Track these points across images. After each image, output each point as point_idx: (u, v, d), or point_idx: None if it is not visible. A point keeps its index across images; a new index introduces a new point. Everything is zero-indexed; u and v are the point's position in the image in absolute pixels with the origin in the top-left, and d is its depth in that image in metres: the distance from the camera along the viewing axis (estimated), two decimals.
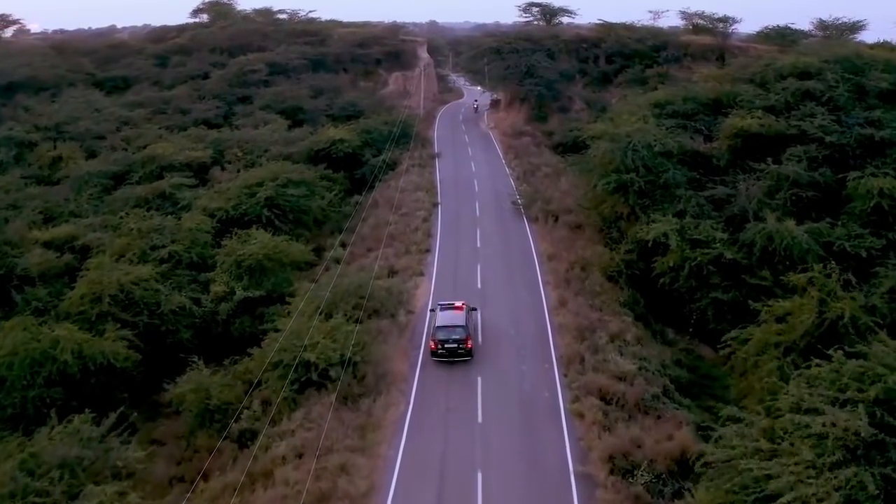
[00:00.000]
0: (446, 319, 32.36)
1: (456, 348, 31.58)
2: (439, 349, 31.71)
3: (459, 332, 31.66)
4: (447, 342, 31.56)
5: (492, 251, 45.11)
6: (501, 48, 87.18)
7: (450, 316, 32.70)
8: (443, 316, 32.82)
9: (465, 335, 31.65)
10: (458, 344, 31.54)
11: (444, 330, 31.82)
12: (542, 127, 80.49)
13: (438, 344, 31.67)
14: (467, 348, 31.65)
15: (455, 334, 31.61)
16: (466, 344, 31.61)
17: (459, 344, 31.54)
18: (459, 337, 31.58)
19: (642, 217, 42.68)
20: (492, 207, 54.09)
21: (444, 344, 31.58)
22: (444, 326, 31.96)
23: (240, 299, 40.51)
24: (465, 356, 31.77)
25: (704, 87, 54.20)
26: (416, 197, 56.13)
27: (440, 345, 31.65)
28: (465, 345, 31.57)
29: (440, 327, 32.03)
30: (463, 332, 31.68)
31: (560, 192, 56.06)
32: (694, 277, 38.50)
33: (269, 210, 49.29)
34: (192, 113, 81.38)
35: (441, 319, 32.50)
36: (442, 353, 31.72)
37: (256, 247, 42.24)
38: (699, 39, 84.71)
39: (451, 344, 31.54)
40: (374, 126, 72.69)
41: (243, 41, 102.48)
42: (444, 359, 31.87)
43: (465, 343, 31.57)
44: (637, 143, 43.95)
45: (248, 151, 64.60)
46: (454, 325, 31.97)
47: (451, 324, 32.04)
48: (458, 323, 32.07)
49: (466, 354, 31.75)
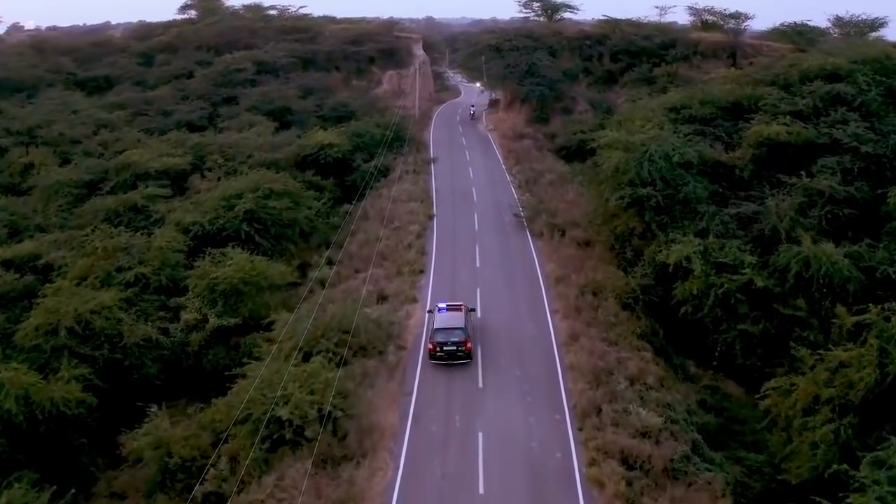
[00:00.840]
0: (445, 321, 31.51)
1: (455, 351, 30.69)
2: (438, 351, 30.82)
3: (458, 335, 30.81)
4: (446, 344, 30.70)
5: (492, 272, 40.87)
6: (501, 46, 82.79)
7: (448, 317, 31.79)
8: (441, 317, 31.91)
9: (464, 337, 30.78)
10: (457, 346, 30.66)
11: (443, 332, 30.96)
12: (544, 129, 76.25)
13: (437, 346, 30.80)
14: (466, 350, 30.77)
15: (454, 336, 30.78)
16: (465, 346, 30.71)
17: (458, 346, 30.66)
18: (458, 339, 30.71)
19: (660, 235, 38.48)
20: (492, 220, 49.82)
21: (443, 346, 30.72)
22: (442, 328, 31.11)
23: (213, 328, 36.48)
24: (464, 359, 30.88)
25: (722, 89, 49.85)
26: (409, 208, 51.85)
27: (439, 347, 30.78)
28: (464, 347, 30.70)
29: (439, 329, 31.16)
30: (462, 334, 30.82)
31: (566, 203, 51.84)
32: (720, 306, 34.32)
33: (249, 224, 45.02)
34: (174, 115, 77.05)
35: (439, 321, 31.62)
36: (441, 355, 30.81)
37: (232, 269, 38.01)
38: (709, 37, 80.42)
39: (449, 346, 30.68)
40: (365, 129, 68.39)
41: (230, 38, 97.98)
42: (442, 361, 30.87)
43: (464, 345, 30.69)
44: (654, 152, 39.70)
45: (229, 157, 60.17)
46: (453, 326, 31.10)
47: (449, 325, 31.16)
48: (457, 325, 31.15)
49: (466, 357, 30.87)
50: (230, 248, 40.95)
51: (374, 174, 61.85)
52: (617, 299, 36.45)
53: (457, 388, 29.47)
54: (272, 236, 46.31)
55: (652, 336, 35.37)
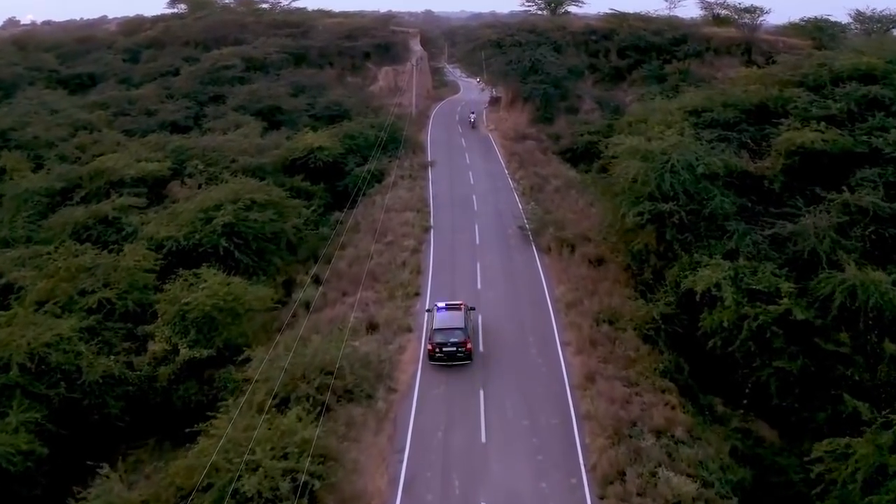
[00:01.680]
0: (444, 321, 30.87)
1: (455, 351, 30.19)
2: (437, 352, 30.31)
3: (458, 335, 30.26)
4: (445, 345, 30.16)
5: (496, 296, 36.84)
6: (502, 41, 78.60)
7: (448, 317, 31.13)
8: (440, 317, 31.20)
9: (464, 337, 30.27)
10: (456, 347, 30.14)
11: (443, 332, 30.41)
12: (548, 129, 72.15)
13: (436, 347, 30.26)
14: (466, 351, 30.28)
15: (454, 336, 30.23)
16: (466, 346, 30.19)
17: (458, 347, 30.15)
18: (458, 339, 30.17)
19: (683, 256, 34.40)
20: (494, 233, 45.76)
21: (443, 347, 30.19)
22: (442, 329, 30.54)
23: (184, 360, 32.63)
24: (464, 359, 30.36)
25: (746, 90, 45.67)
26: (404, 218, 47.80)
27: (438, 348, 30.25)
28: (464, 347, 30.18)
29: (438, 329, 30.57)
30: (462, 335, 30.28)
31: (574, 213, 47.82)
32: (752, 340, 30.29)
33: (229, 240, 40.87)
34: (158, 114, 72.83)
35: (439, 321, 30.97)
36: (440, 356, 30.32)
37: (205, 294, 33.95)
38: (723, 32, 76.20)
39: (449, 347, 30.14)
40: (359, 130, 64.28)
41: (219, 33, 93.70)
42: (442, 362, 30.32)
43: (464, 346, 30.18)
44: (676, 162, 35.63)
45: (211, 162, 56.03)
46: (453, 327, 30.52)
47: (449, 326, 30.57)
48: (457, 325, 30.57)
49: (466, 358, 30.38)
50: (204, 268, 36.98)
51: (368, 179, 57.88)
52: (636, 330, 32.42)
53: (457, 443, 25.48)
54: (254, 252, 42.22)
55: (676, 372, 31.34)
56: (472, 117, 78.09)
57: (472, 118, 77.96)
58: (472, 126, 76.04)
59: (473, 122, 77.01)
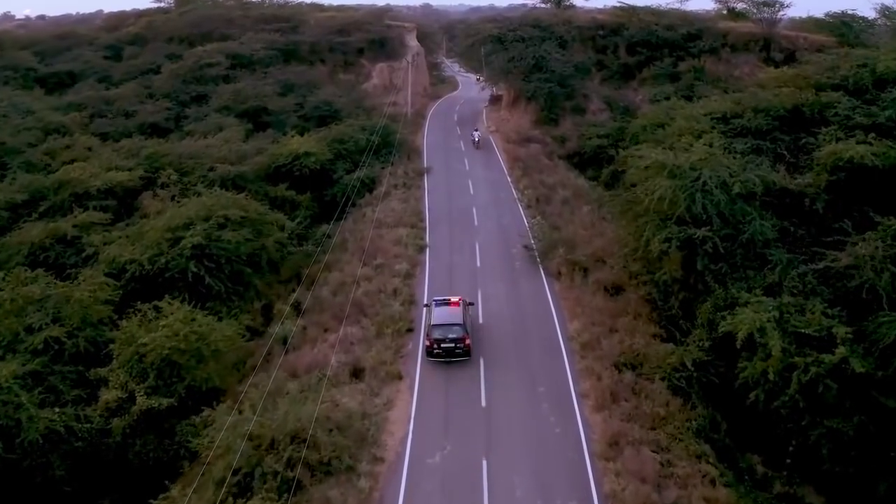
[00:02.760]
0: (443, 317, 30.37)
1: (453, 348, 29.73)
2: (435, 348, 29.80)
3: (457, 331, 29.80)
4: (444, 341, 29.68)
5: (500, 334, 32.13)
6: (504, 36, 73.53)
7: (446, 313, 30.61)
8: (439, 313, 30.71)
9: (462, 333, 29.80)
10: (455, 343, 29.69)
11: (441, 328, 29.91)
12: (554, 131, 67.33)
13: (434, 343, 29.77)
14: (465, 347, 29.82)
15: (452, 332, 29.76)
16: (465, 343, 29.75)
17: (457, 343, 29.70)
18: (457, 336, 29.71)
19: (716, 290, 29.70)
20: (497, 254, 41.02)
21: (441, 343, 29.69)
22: (440, 325, 30.01)
23: (141, 411, 28.23)
24: (462, 356, 29.87)
25: (778, 93, 40.85)
26: (396, 236, 43.09)
27: (436, 344, 29.74)
28: (463, 344, 29.73)
29: (436, 325, 30.03)
30: (461, 331, 29.82)
31: (585, 230, 43.10)
32: (801, 394, 25.71)
33: (199, 263, 36.27)
34: (137, 116, 68.02)
35: (437, 317, 30.45)
36: (438, 352, 29.83)
37: (164, 333, 29.43)
38: (739, 27, 71.21)
39: (447, 343, 29.69)
40: (349, 134, 59.48)
41: (204, 29, 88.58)
42: (440, 359, 29.83)
43: (462, 342, 29.74)
44: (708, 180, 30.90)
45: (187, 171, 51.30)
46: (451, 322, 29.97)
47: (447, 322, 30.04)
48: (456, 321, 30.05)
49: (464, 354, 29.90)
50: (166, 300, 32.35)
51: (358, 188, 53.22)
52: (665, 380, 27.75)
53: None
54: (228, 276, 37.63)
55: (712, 431, 26.77)
56: (476, 136, 65.19)
57: (475, 137, 65.17)
58: (477, 146, 64.25)
59: (477, 141, 64.64)
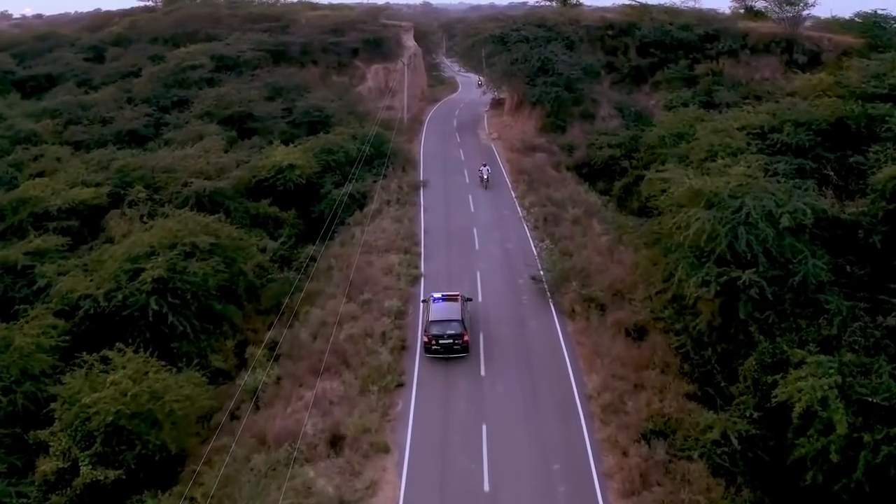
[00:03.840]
0: (441, 313, 30.05)
1: (451, 344, 29.29)
2: (433, 345, 29.39)
3: (455, 327, 29.42)
4: (442, 337, 29.27)
5: (508, 392, 27.26)
6: (507, 36, 68.55)
7: (444, 309, 30.33)
8: (436, 309, 30.38)
9: (461, 329, 29.41)
10: (453, 339, 29.27)
11: (439, 324, 29.51)
12: (561, 139, 62.49)
13: (433, 339, 29.35)
14: (464, 344, 29.41)
15: (450, 329, 29.36)
16: (463, 339, 29.34)
17: (455, 339, 29.28)
18: (455, 332, 29.32)
19: (762, 343, 24.86)
20: (501, 286, 36.15)
21: (439, 339, 29.27)
22: (438, 321, 29.61)
23: (85, 484, 23.85)
24: (461, 352, 29.45)
25: (819, 104, 36.07)
26: (387, 263, 38.27)
27: (434, 340, 29.33)
28: (461, 340, 29.33)
29: (434, 322, 29.61)
30: (459, 327, 29.45)
31: (600, 255, 38.31)
32: (868, 476, 20.93)
33: (161, 299, 31.58)
34: (114, 123, 63.19)
35: (435, 313, 30.12)
36: (436, 349, 29.42)
37: (111, 393, 25.03)
38: (759, 27, 66.39)
39: (445, 339, 29.28)
40: (338, 143, 54.64)
41: (190, 28, 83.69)
42: (438, 355, 29.40)
43: (461, 338, 29.32)
44: (752, 210, 26.10)
45: (160, 186, 46.57)
46: (449, 318, 29.63)
47: (446, 318, 29.69)
48: (454, 317, 29.72)
49: (463, 350, 29.48)
50: (117, 350, 27.66)
51: (347, 204, 48.51)
52: (704, 458, 22.91)
53: None
54: (195, 313, 32.92)
55: None
56: (485, 172, 52.29)
57: (483, 173, 52.26)
58: (485, 185, 51.61)
59: (486, 178, 51.83)
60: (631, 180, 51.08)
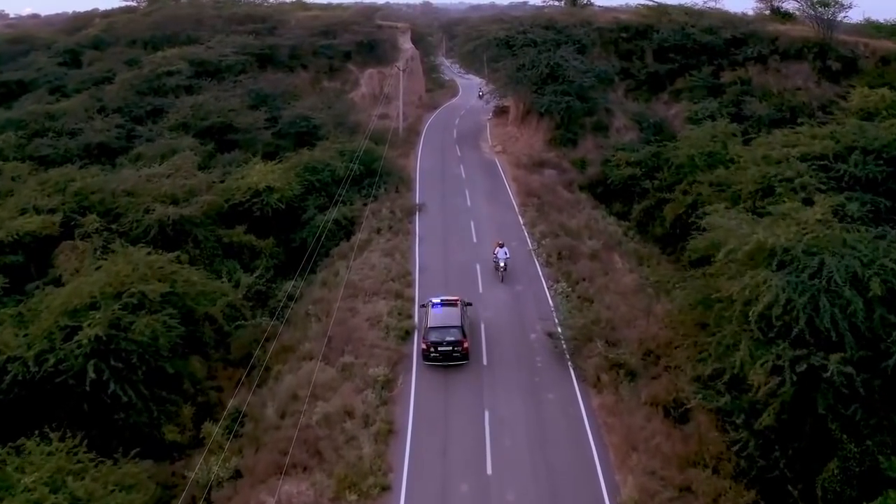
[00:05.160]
0: (440, 319, 28.71)
1: (451, 351, 28.00)
2: (432, 352, 28.07)
3: (455, 333, 28.08)
4: (441, 344, 27.96)
5: (517, 500, 21.53)
6: (513, 39, 62.64)
7: (443, 315, 28.92)
8: (435, 315, 29.04)
9: (460, 336, 28.05)
10: (452, 346, 27.96)
11: (438, 331, 28.23)
12: (572, 153, 56.82)
13: (431, 346, 28.03)
14: (463, 351, 28.04)
15: (450, 335, 28.03)
16: (462, 346, 27.98)
17: (455, 347, 27.97)
18: (454, 338, 27.99)
19: (848, 446, 19.21)
20: (510, 344, 30.24)
21: (438, 347, 27.97)
22: (437, 327, 28.35)
23: None
24: (460, 360, 28.10)
25: (891, 125, 30.25)
26: (374, 312, 32.45)
27: (433, 347, 28.02)
28: (460, 347, 27.98)
29: (433, 328, 28.36)
30: (458, 333, 28.09)
31: (625, 302, 32.54)
32: None
33: (101, 363, 26.16)
34: (83, 135, 57.41)
35: (434, 319, 28.78)
36: (435, 356, 28.11)
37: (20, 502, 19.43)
38: (790, 30, 60.48)
39: (444, 347, 27.96)
40: (323, 161, 48.92)
41: (170, 30, 77.81)
42: (437, 363, 28.10)
43: (460, 345, 27.99)
44: (834, 272, 20.33)
45: (121, 212, 40.89)
46: (449, 325, 28.29)
47: (445, 324, 28.37)
48: (454, 323, 28.34)
49: (462, 358, 28.12)
50: (35, 441, 22.08)
51: (333, 231, 43.00)
52: None
53: None
54: (143, 379, 27.37)
55: None
56: (501, 257, 37.01)
57: (500, 259, 37.02)
58: (501, 276, 36.88)
59: (504, 267, 36.85)
60: (653, 203, 45.68)
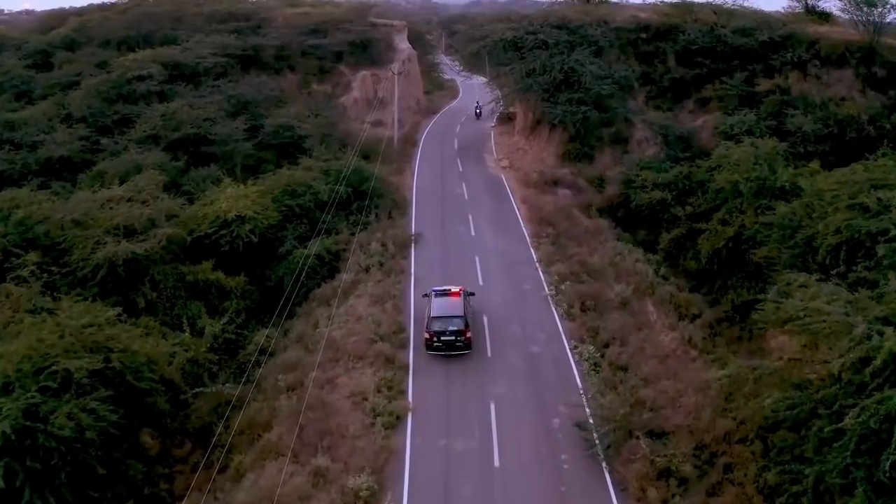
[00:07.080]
0: (442, 309, 28.86)
1: (453, 341, 28.08)
2: (435, 342, 28.17)
3: (457, 323, 28.22)
4: (443, 334, 28.09)
5: None
6: (521, 40, 56.13)
7: (446, 304, 29.07)
8: (438, 304, 29.20)
9: (463, 326, 28.18)
10: (455, 336, 28.03)
11: (440, 321, 28.37)
12: (588, 170, 50.49)
13: (434, 336, 28.15)
14: (466, 341, 28.13)
15: (452, 325, 28.18)
16: (465, 336, 28.10)
17: (457, 336, 28.05)
18: (457, 328, 28.11)
19: None
20: (528, 431, 23.79)
21: (441, 336, 28.09)
22: (439, 317, 28.50)
23: None
24: (463, 349, 28.19)
25: None
26: (358, 386, 26.05)
27: (436, 337, 28.14)
28: (463, 337, 28.08)
29: (435, 318, 28.50)
30: (461, 323, 28.22)
31: (667, 374, 26.21)
32: None
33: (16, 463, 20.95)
34: (43, 147, 51.22)
35: (436, 309, 28.93)
36: (438, 345, 28.21)
37: None
38: (831, 32, 54.06)
39: (447, 336, 28.08)
40: (305, 182, 42.52)
41: (145, 30, 71.45)
42: (440, 352, 28.13)
43: (463, 335, 28.09)
44: None
45: (68, 247, 34.60)
46: (451, 315, 28.43)
47: (447, 314, 28.52)
48: (456, 313, 28.48)
49: (465, 347, 28.23)
50: None
51: (315, 268, 36.90)
52: None
53: None
54: (67, 482, 21.57)
55: None
56: None
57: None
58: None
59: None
60: (684, 232, 39.59)
